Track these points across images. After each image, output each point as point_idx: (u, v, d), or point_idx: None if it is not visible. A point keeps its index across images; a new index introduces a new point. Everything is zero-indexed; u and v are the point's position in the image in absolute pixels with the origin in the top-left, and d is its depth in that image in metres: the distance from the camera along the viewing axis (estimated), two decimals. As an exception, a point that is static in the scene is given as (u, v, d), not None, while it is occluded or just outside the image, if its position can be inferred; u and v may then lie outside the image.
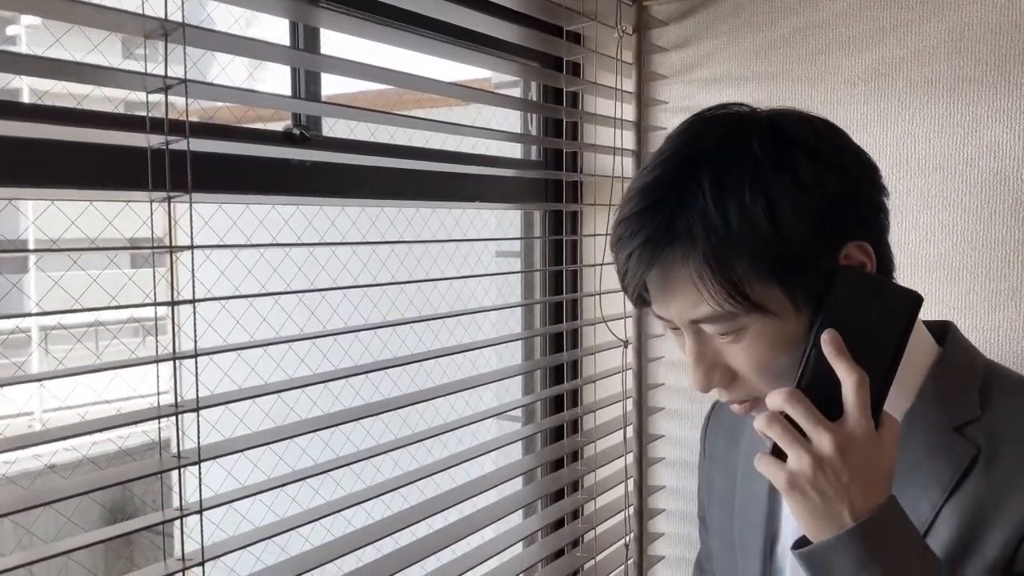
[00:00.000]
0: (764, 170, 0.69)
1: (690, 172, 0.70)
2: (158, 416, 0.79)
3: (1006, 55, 1.21)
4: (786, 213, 0.68)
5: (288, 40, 1.09)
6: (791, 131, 0.72)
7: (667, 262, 0.71)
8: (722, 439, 1.00)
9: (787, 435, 0.67)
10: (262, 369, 1.29)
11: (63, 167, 0.78)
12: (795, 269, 0.69)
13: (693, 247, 0.69)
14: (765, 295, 0.69)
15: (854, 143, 0.76)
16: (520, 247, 1.64)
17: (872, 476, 0.66)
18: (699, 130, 0.74)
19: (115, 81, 0.78)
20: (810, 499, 0.66)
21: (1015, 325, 1.23)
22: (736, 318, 0.70)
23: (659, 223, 0.70)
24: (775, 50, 1.41)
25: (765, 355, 0.72)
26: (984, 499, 0.71)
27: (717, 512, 0.97)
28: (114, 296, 0.85)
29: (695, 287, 0.70)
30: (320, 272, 1.35)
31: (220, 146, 0.91)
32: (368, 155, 1.13)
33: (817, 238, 0.69)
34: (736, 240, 0.68)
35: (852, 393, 0.67)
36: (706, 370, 0.75)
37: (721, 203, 0.68)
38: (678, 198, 0.70)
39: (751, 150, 0.70)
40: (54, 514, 1.22)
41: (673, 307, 0.73)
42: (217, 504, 0.85)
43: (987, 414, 0.74)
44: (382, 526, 1.08)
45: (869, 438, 0.66)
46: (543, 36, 1.35)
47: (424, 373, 1.42)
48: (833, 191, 0.70)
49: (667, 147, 0.74)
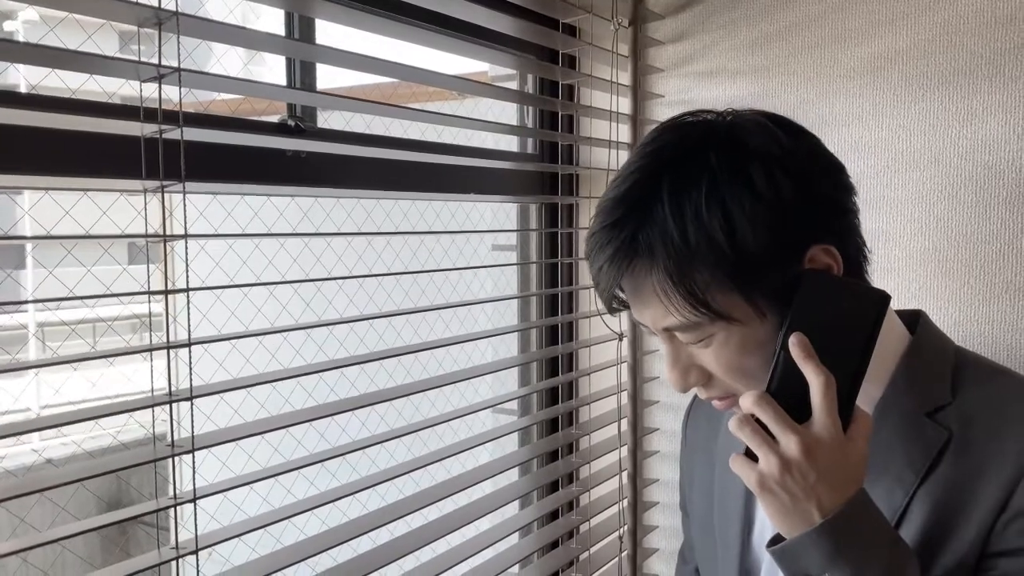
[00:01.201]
0: (719, 181, 0.70)
1: (650, 187, 0.72)
2: (152, 404, 0.79)
3: (1000, 49, 1.22)
4: (742, 223, 0.69)
5: (283, 31, 1.09)
6: (749, 139, 0.73)
7: (635, 274, 0.73)
8: (702, 430, 1.01)
9: (756, 437, 0.69)
10: (257, 361, 1.29)
11: (56, 155, 0.78)
12: (755, 277, 0.71)
13: (654, 262, 0.71)
14: (727, 304, 0.71)
15: (818, 146, 0.76)
16: (516, 240, 1.65)
17: (839, 475, 0.68)
18: (661, 142, 0.76)
19: (109, 70, 0.78)
20: (779, 499, 0.68)
21: (1009, 319, 1.23)
22: (702, 327, 0.73)
23: (623, 239, 0.73)
24: (771, 43, 1.41)
25: (734, 359, 0.74)
26: (957, 482, 0.73)
27: (698, 501, 0.99)
28: (108, 286, 0.85)
29: (659, 300, 0.72)
30: (315, 264, 1.35)
31: (214, 135, 0.91)
32: (363, 146, 1.13)
33: (776, 246, 0.70)
34: (695, 253, 0.70)
35: (819, 395, 0.68)
36: (682, 371, 0.78)
37: (679, 217, 0.70)
38: (640, 214, 0.72)
39: (707, 162, 0.71)
40: (51, 505, 1.23)
41: (646, 315, 0.76)
42: (211, 493, 0.85)
43: (958, 399, 0.76)
44: (377, 517, 1.09)
45: (835, 439, 0.68)
46: (539, 29, 1.35)
47: (420, 365, 1.43)
48: (790, 197, 0.71)
49: (632, 160, 0.76)
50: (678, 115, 0.78)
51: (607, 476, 1.50)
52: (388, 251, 1.51)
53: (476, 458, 1.36)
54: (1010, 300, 1.23)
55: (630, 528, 1.52)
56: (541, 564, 1.43)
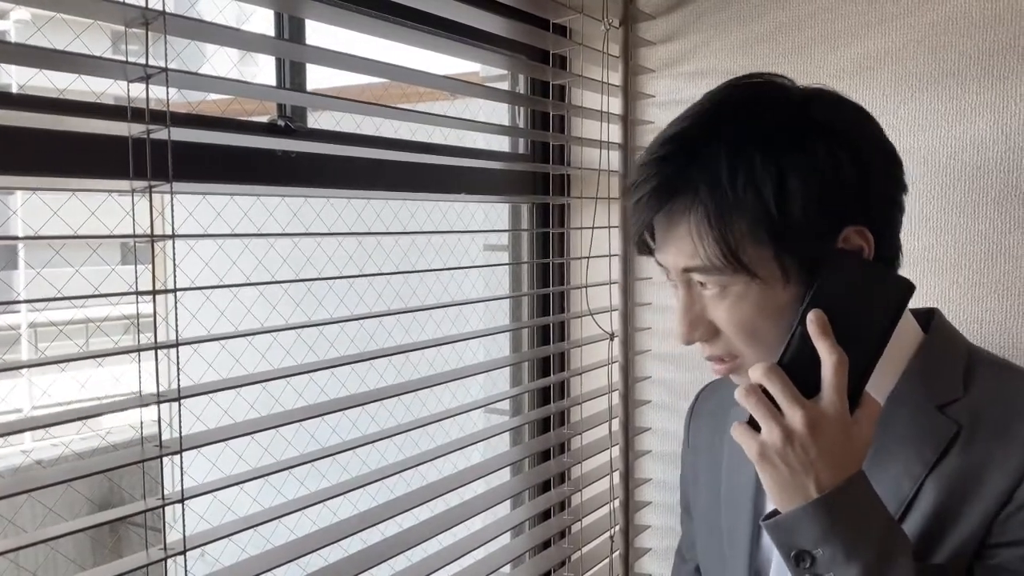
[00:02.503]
0: (781, 144, 0.71)
1: (710, 131, 0.74)
2: (140, 405, 0.79)
3: (989, 49, 1.22)
4: (795, 189, 0.70)
5: (273, 31, 1.09)
6: (819, 111, 0.74)
7: (672, 211, 0.74)
8: (706, 429, 1.01)
9: (761, 407, 0.70)
10: (247, 361, 1.29)
11: (44, 155, 0.78)
12: (792, 241, 0.71)
13: (698, 202, 0.72)
14: (757, 259, 0.72)
15: (882, 135, 0.77)
16: (508, 241, 1.65)
17: (840, 454, 0.68)
18: (733, 94, 0.77)
19: (95, 69, 0.78)
20: (778, 470, 0.69)
21: (997, 318, 1.24)
22: (724, 274, 0.73)
23: (671, 173, 0.73)
24: (761, 44, 1.41)
25: (747, 316, 0.74)
26: (964, 474, 0.74)
27: (703, 501, 0.98)
28: (97, 287, 0.85)
29: (691, 240, 0.73)
30: (305, 264, 1.35)
31: (203, 136, 0.91)
32: (354, 146, 1.13)
33: (820, 218, 0.71)
34: (739, 204, 0.71)
35: (830, 373, 0.69)
36: (691, 322, 0.77)
37: (732, 166, 0.71)
38: (692, 153, 0.73)
39: (774, 121, 0.73)
40: (41, 507, 1.22)
41: (670, 254, 0.76)
42: (199, 493, 0.85)
43: (969, 394, 0.77)
44: (368, 517, 1.09)
45: (840, 417, 0.69)
46: (529, 29, 1.35)
47: (411, 365, 1.43)
48: (845, 177, 0.72)
49: (699, 103, 0.78)
50: (746, 74, 0.80)
51: (599, 476, 1.50)
52: (379, 251, 1.50)
53: (468, 458, 1.36)
54: (998, 299, 1.23)
55: (622, 528, 1.52)
56: (533, 564, 1.43)
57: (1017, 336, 1.23)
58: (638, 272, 1.57)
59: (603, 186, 1.49)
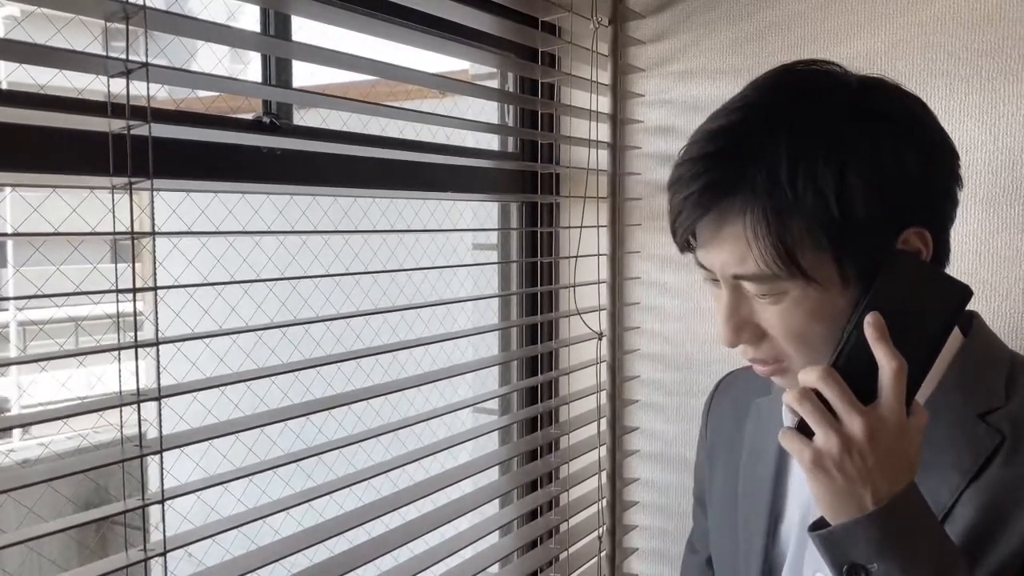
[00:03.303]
0: (845, 137, 0.67)
1: (767, 125, 0.68)
2: (120, 404, 0.78)
3: (978, 49, 1.22)
4: (857, 186, 0.66)
5: (259, 28, 1.08)
6: (881, 102, 0.70)
7: (724, 211, 0.69)
8: (727, 421, 0.98)
9: (817, 413, 0.65)
10: (231, 360, 1.28)
11: (22, 151, 0.77)
12: (852, 243, 0.67)
13: (754, 202, 0.67)
14: (814, 263, 0.68)
15: (940, 126, 0.73)
16: (497, 240, 1.64)
17: (897, 464, 0.65)
18: (785, 82, 0.73)
19: (75, 64, 0.77)
20: (834, 480, 0.65)
21: (986, 318, 1.23)
22: (779, 281, 0.69)
23: (725, 170, 0.68)
24: (751, 43, 1.41)
25: (801, 322, 0.70)
26: (1008, 486, 0.71)
27: (719, 493, 0.97)
28: (78, 284, 0.84)
29: (746, 242, 0.68)
30: (291, 263, 1.34)
31: (185, 132, 0.90)
32: (341, 144, 1.12)
33: (882, 217, 0.68)
34: (800, 204, 0.66)
35: (890, 380, 0.65)
36: (737, 326, 0.73)
37: (793, 164, 0.66)
38: (749, 149, 0.68)
39: (836, 114, 0.68)
40: (24, 509, 1.21)
41: (718, 258, 0.71)
42: (180, 494, 0.84)
43: (1011, 402, 0.73)
44: (354, 516, 1.08)
45: (900, 426, 0.65)
46: (519, 27, 1.35)
47: (398, 365, 1.42)
48: (910, 172, 0.68)
49: (748, 93, 0.73)
50: (791, 62, 0.75)
51: (587, 475, 1.50)
52: (366, 250, 1.49)
53: (455, 458, 1.35)
54: (987, 300, 1.23)
55: (609, 528, 1.51)
56: (521, 563, 1.43)
57: (1004, 337, 1.22)
58: (627, 272, 1.56)
59: (592, 185, 1.48)
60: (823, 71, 0.73)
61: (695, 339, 1.51)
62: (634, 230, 1.55)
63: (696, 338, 1.51)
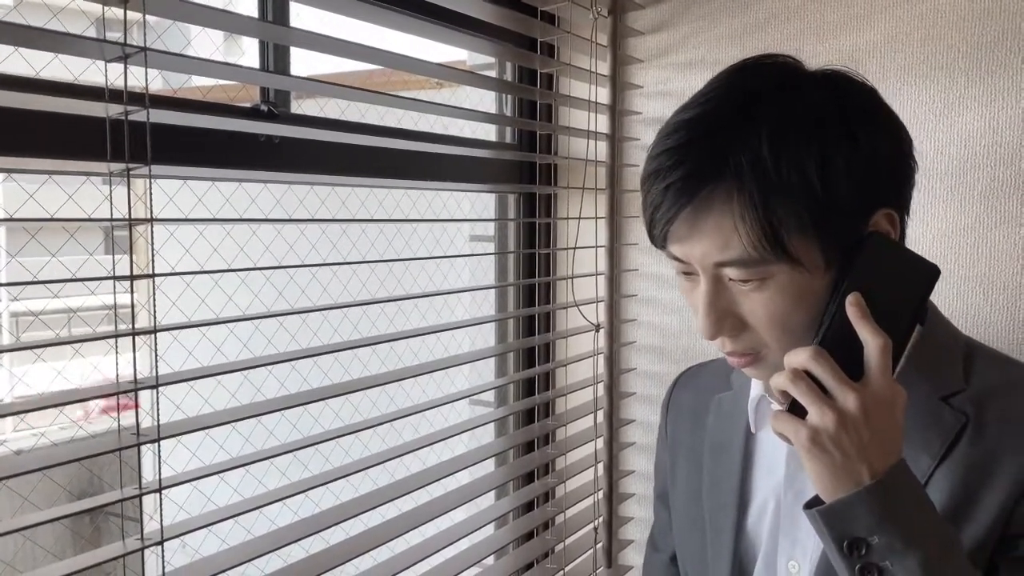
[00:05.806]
0: (826, 124, 0.69)
1: (746, 112, 0.70)
2: (116, 392, 0.77)
3: (978, 42, 1.22)
4: (838, 169, 0.68)
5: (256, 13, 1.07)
6: (848, 90, 0.73)
7: (707, 198, 0.69)
8: (685, 420, 1.00)
9: (811, 392, 0.67)
10: (229, 350, 1.28)
11: (19, 135, 0.76)
12: (835, 225, 0.70)
13: (740, 186, 0.68)
14: (800, 246, 0.69)
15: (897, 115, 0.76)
16: (494, 231, 1.63)
17: (888, 437, 0.67)
18: (754, 72, 0.74)
19: (72, 48, 0.76)
20: (830, 456, 0.66)
21: (982, 312, 1.24)
22: (764, 265, 0.70)
23: (708, 157, 0.69)
24: (750, 35, 1.41)
25: (784, 309, 0.72)
26: (975, 465, 0.73)
27: (681, 492, 0.98)
28: (74, 272, 0.83)
29: (733, 227, 0.69)
30: (288, 252, 1.33)
31: (183, 119, 0.89)
32: (338, 132, 1.11)
33: (860, 200, 0.70)
34: (785, 187, 0.68)
35: (877, 356, 0.67)
36: (718, 317, 0.74)
37: (776, 148, 0.68)
38: (729, 136, 0.69)
39: (813, 101, 0.70)
40: (17, 500, 1.20)
41: (699, 247, 0.72)
42: (177, 483, 0.84)
43: (972, 385, 0.76)
44: (350, 507, 1.08)
45: (889, 401, 0.67)
46: (518, 16, 1.34)
47: (395, 355, 1.41)
48: (881, 154, 0.71)
49: (715, 86, 0.74)
50: (752, 56, 0.77)
51: (583, 467, 1.50)
52: (363, 240, 1.49)
53: (452, 449, 1.35)
54: (984, 293, 1.23)
55: (605, 519, 1.52)
56: (517, 555, 1.43)
57: (1002, 330, 1.23)
58: (624, 264, 1.56)
59: (590, 176, 1.48)
60: (786, 63, 0.76)
61: (692, 331, 1.51)
62: (632, 222, 1.55)
63: (693, 331, 1.51)
